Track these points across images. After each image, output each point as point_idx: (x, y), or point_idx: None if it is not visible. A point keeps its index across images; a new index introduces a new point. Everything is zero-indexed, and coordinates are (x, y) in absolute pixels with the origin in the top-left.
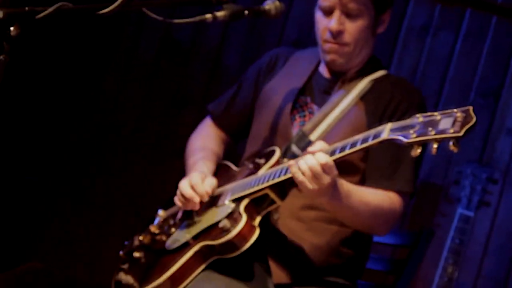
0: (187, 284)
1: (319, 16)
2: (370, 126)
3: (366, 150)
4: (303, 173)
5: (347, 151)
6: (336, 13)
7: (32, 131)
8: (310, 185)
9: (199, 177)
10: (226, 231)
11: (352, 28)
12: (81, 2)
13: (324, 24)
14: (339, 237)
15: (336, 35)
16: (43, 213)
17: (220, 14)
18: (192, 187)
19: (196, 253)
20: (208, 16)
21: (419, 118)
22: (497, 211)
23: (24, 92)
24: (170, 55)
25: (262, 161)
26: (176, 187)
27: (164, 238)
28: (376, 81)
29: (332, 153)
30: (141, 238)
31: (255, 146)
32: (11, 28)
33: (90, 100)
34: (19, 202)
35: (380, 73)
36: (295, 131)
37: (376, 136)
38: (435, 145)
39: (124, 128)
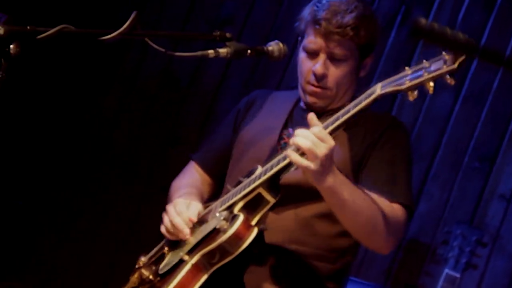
0: None
1: (303, 57)
2: (353, 152)
3: (360, 162)
4: (298, 149)
5: (341, 120)
6: (322, 57)
7: (23, 155)
8: (305, 161)
9: (184, 203)
10: (223, 231)
11: (335, 73)
12: (86, 26)
13: (309, 66)
14: (319, 273)
15: (320, 78)
16: (27, 236)
17: (222, 51)
18: (178, 215)
19: (194, 265)
20: (211, 52)
21: (408, 70)
22: (484, 275)
23: (18, 112)
24: (168, 90)
25: (245, 178)
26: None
27: (151, 276)
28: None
29: (325, 127)
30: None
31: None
32: (11, 46)
33: (85, 127)
34: (4, 224)
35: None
36: None
37: (369, 95)
38: (431, 84)
39: (116, 161)
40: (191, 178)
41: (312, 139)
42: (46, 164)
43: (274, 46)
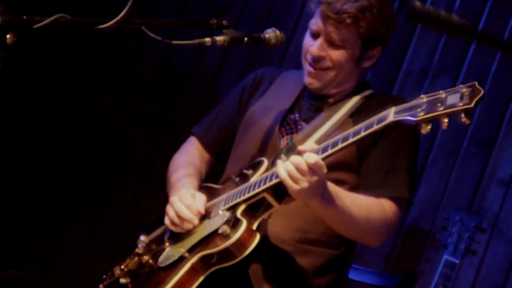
0: None
1: (307, 35)
2: (359, 142)
3: (366, 150)
4: (288, 173)
5: (350, 140)
6: (320, 39)
7: (21, 143)
8: (295, 185)
9: (189, 195)
10: (226, 236)
11: (334, 55)
12: (84, 15)
13: (308, 45)
14: (323, 259)
15: (317, 60)
16: (25, 226)
17: (219, 38)
18: (187, 208)
19: (193, 265)
20: (208, 39)
21: (424, 98)
22: (483, 261)
23: (15, 103)
24: (167, 79)
25: (250, 172)
26: (162, 212)
27: (151, 261)
28: (365, 99)
29: (324, 149)
30: (123, 266)
31: (240, 165)
32: (7, 36)
33: (82, 118)
34: (1, 214)
35: (367, 92)
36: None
37: (381, 120)
38: (445, 120)
39: (115, 149)
40: (190, 156)
41: (303, 169)
42: (45, 154)
43: (271, 34)
